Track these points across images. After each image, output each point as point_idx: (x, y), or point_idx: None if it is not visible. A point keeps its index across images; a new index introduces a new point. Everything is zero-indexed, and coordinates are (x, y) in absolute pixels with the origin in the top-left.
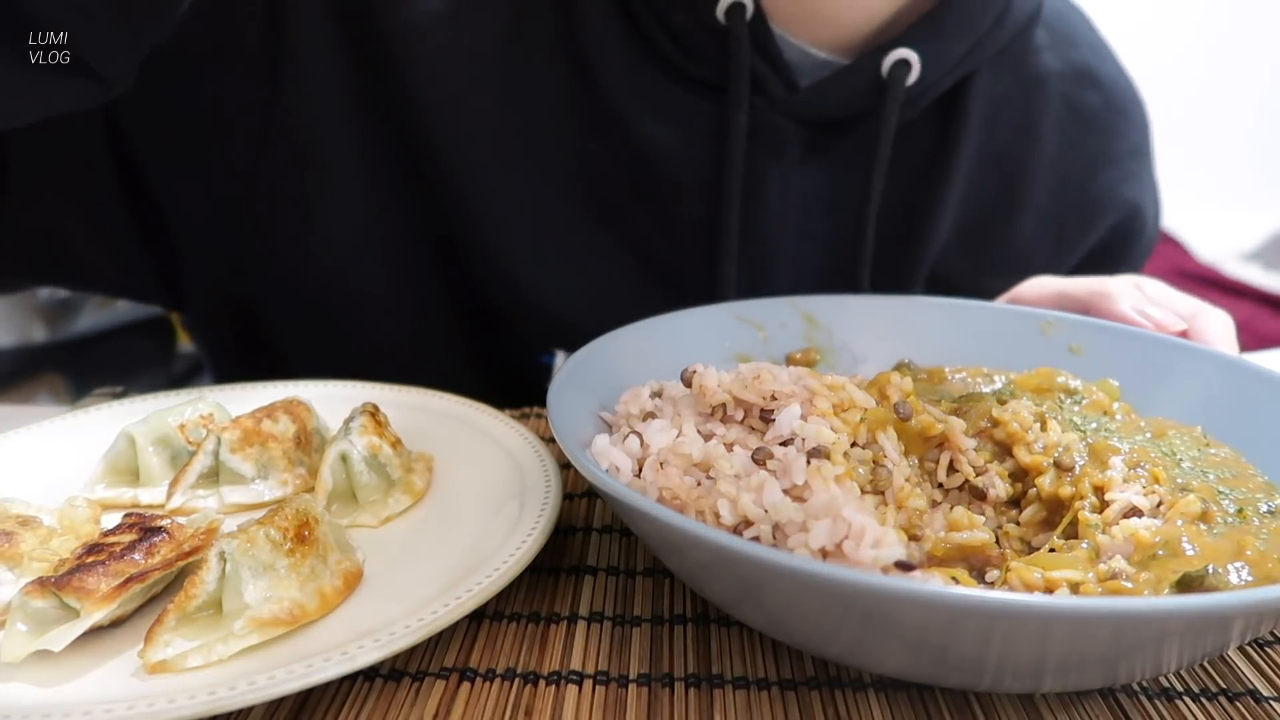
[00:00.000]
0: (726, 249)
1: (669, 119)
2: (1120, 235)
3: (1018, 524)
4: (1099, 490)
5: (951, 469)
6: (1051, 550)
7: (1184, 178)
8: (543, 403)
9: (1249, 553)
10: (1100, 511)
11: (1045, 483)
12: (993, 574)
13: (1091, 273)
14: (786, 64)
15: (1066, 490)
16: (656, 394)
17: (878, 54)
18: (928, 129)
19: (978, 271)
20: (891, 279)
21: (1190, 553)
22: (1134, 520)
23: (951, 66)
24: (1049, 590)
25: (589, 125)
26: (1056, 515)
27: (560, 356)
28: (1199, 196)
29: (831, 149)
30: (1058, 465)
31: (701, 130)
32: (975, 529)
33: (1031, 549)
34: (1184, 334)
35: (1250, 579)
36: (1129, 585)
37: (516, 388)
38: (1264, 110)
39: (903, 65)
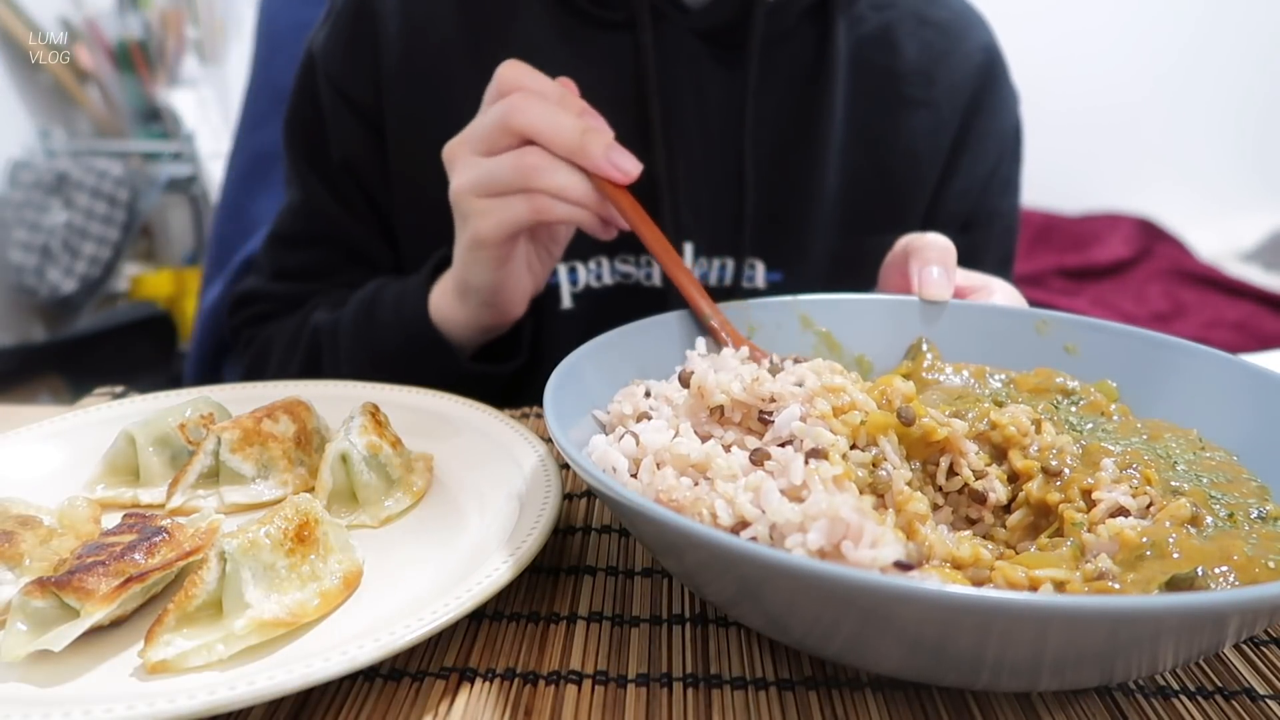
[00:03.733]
0: (655, 142)
1: (597, 56)
2: (990, 109)
3: (1005, 527)
4: (1087, 494)
5: (951, 472)
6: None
7: (1184, 178)
8: (542, 402)
9: (1236, 557)
10: (1088, 512)
11: (1034, 488)
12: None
13: (972, 156)
14: (681, 3)
15: (1054, 496)
16: (650, 394)
17: None
18: (805, 42)
19: (880, 169)
20: (796, 168)
21: (1176, 555)
22: (1120, 520)
23: None
24: (1033, 589)
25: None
26: (1044, 520)
27: (562, 271)
28: (1199, 196)
29: (733, 62)
30: (1045, 471)
31: (623, 57)
32: (981, 564)
33: (1017, 554)
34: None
35: (1236, 584)
36: (1116, 586)
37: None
38: (1264, 111)
39: None
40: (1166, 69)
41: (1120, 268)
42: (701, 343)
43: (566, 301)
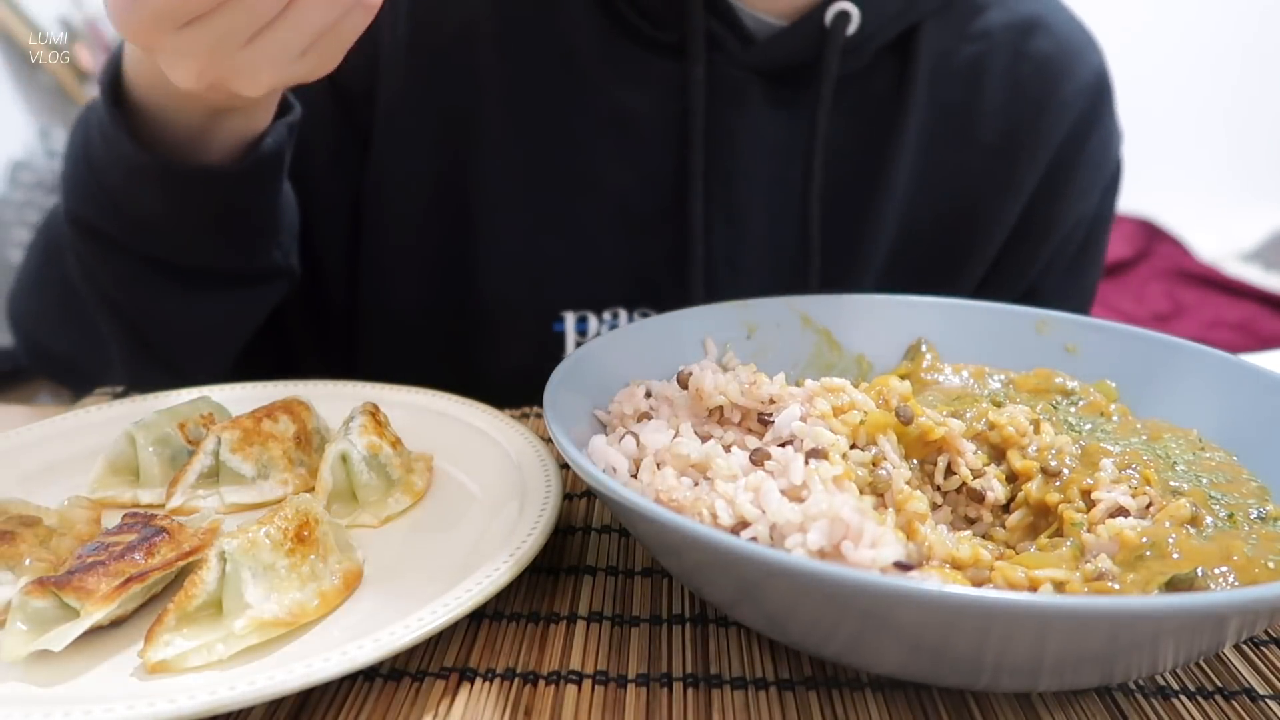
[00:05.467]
0: (694, 191)
1: (640, 82)
2: (1079, 171)
3: (1004, 528)
4: (1086, 494)
5: (949, 471)
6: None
7: (1184, 178)
8: (542, 402)
9: (1235, 558)
10: (1087, 513)
11: (1033, 488)
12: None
13: (1051, 206)
14: (743, 26)
15: (1053, 496)
16: (650, 394)
17: (822, 9)
18: (881, 78)
19: (942, 224)
20: (858, 219)
21: (1176, 556)
22: (1119, 520)
23: (890, 18)
24: (1032, 589)
25: (572, 99)
26: (1043, 520)
27: (569, 320)
28: (1199, 196)
29: (792, 101)
30: (1044, 471)
31: (669, 88)
32: (981, 565)
33: (1016, 554)
34: None
35: (1235, 584)
36: (1116, 587)
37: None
38: (1264, 111)
39: (843, 16)
40: (1166, 68)
41: (1120, 268)
42: (710, 343)
43: (570, 350)
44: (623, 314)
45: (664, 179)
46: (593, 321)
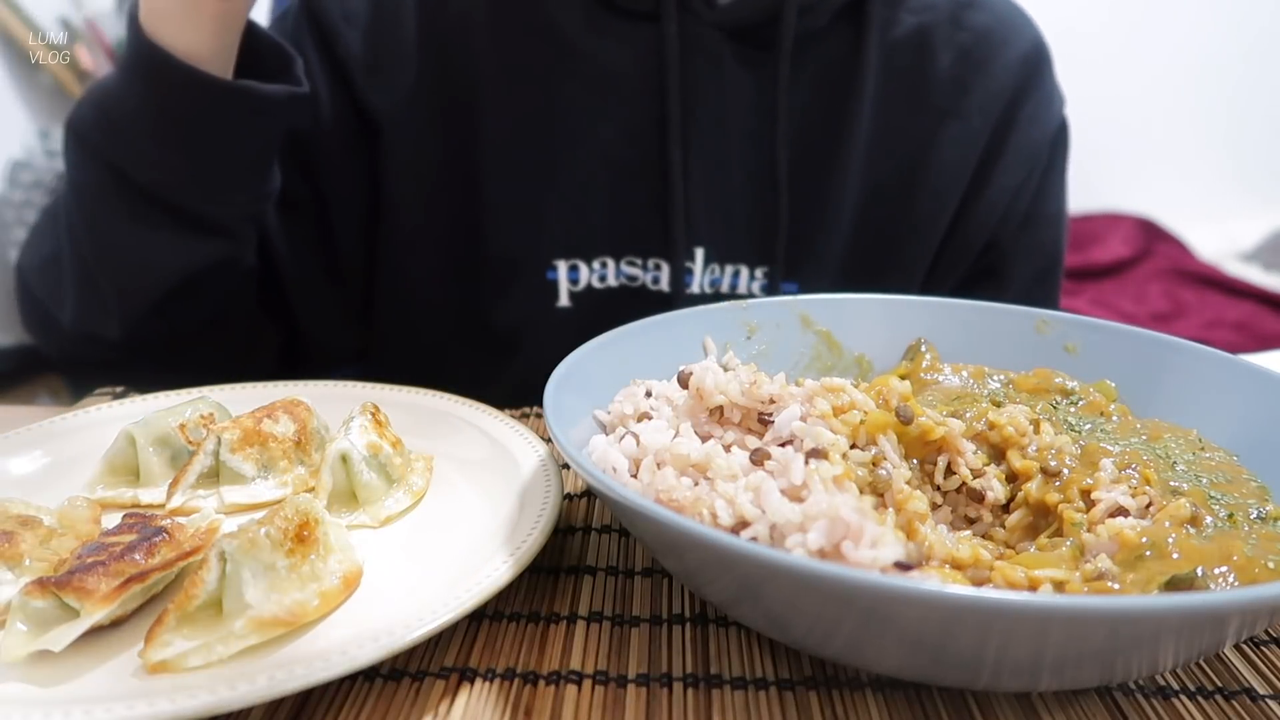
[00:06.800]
0: (672, 137)
1: (619, 45)
2: (1021, 127)
3: (1004, 528)
4: (1086, 494)
5: (949, 471)
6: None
7: (1184, 178)
8: (542, 402)
9: (1235, 558)
10: (1087, 512)
11: (1033, 488)
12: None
13: (1002, 168)
14: None
15: (1053, 496)
16: (650, 394)
17: None
18: (838, 44)
19: (904, 181)
20: (824, 175)
21: (1176, 556)
22: (1119, 520)
23: None
24: (1032, 589)
25: (559, 67)
26: (1043, 520)
27: (562, 268)
28: (1199, 196)
29: (758, 61)
30: (1044, 471)
31: (646, 49)
32: (981, 564)
33: (1016, 554)
34: None
35: (1235, 584)
36: (1115, 586)
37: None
38: (1264, 111)
39: None
40: (1166, 68)
41: (1120, 268)
42: (710, 343)
43: (564, 299)
44: (610, 262)
45: (645, 132)
46: (583, 269)
